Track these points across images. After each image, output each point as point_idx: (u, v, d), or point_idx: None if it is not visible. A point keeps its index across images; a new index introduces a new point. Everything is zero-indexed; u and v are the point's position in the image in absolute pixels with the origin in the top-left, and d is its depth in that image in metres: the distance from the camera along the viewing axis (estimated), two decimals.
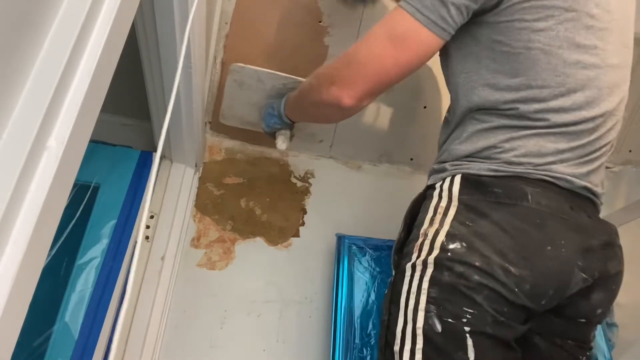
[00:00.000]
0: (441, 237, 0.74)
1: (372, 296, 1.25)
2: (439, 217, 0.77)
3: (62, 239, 1.05)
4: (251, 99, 1.19)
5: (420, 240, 0.77)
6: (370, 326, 1.21)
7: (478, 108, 0.81)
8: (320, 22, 1.32)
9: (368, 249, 1.31)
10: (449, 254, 0.72)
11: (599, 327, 1.23)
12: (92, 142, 0.45)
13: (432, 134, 1.39)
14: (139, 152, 1.28)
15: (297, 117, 1.10)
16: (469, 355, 0.67)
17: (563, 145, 0.77)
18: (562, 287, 0.73)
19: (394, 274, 0.82)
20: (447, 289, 0.71)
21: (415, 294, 0.73)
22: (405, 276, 0.76)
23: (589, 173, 0.79)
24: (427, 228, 0.78)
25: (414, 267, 0.75)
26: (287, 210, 1.46)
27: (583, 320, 0.81)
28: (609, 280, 0.79)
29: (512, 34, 0.76)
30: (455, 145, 0.84)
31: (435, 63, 1.01)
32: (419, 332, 0.70)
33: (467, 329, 0.68)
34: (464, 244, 0.72)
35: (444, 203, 0.78)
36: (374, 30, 0.80)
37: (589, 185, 0.79)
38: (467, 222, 0.74)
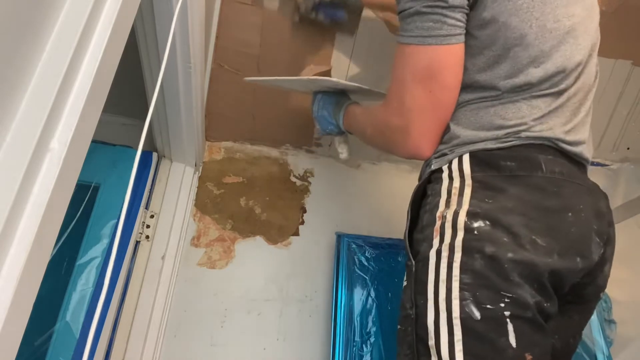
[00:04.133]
0: (462, 217, 0.70)
1: (372, 294, 1.26)
2: (454, 197, 0.73)
3: (63, 238, 1.06)
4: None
5: (438, 223, 0.73)
6: (370, 324, 1.22)
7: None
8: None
9: (367, 247, 1.31)
10: (475, 232, 0.68)
11: (597, 323, 1.24)
12: (93, 142, 0.46)
13: None
14: None
15: (359, 138, 1.05)
16: (511, 341, 0.64)
17: (552, 105, 0.75)
18: (586, 253, 0.72)
19: (413, 263, 0.76)
20: (480, 274, 0.66)
21: (445, 282, 0.68)
22: (429, 264, 0.71)
23: (578, 138, 0.78)
24: (443, 210, 0.74)
25: (439, 253, 0.70)
26: (287, 209, 1.47)
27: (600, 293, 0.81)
28: (612, 246, 0.79)
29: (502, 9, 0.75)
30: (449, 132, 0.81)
31: None
32: (456, 322, 0.65)
33: (507, 313, 0.64)
34: (487, 222, 0.69)
35: (457, 183, 0.74)
36: (402, 80, 0.77)
37: (583, 151, 0.78)
38: (487, 199, 0.71)
